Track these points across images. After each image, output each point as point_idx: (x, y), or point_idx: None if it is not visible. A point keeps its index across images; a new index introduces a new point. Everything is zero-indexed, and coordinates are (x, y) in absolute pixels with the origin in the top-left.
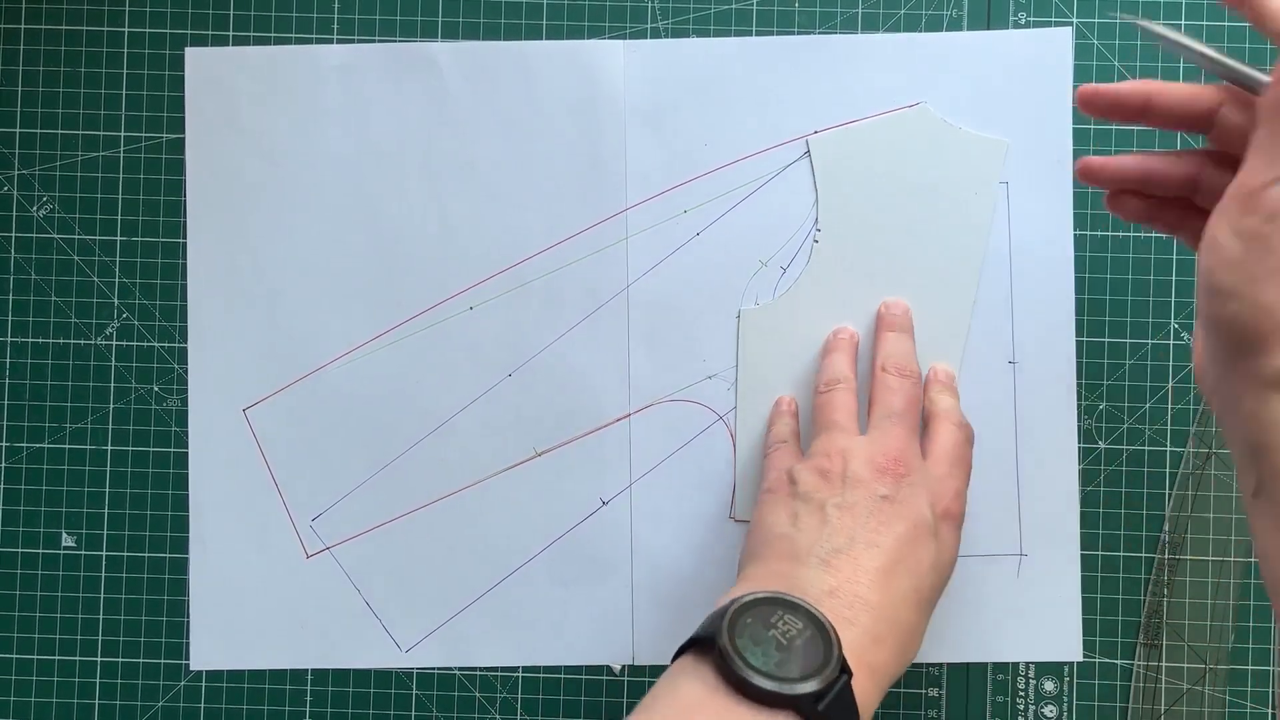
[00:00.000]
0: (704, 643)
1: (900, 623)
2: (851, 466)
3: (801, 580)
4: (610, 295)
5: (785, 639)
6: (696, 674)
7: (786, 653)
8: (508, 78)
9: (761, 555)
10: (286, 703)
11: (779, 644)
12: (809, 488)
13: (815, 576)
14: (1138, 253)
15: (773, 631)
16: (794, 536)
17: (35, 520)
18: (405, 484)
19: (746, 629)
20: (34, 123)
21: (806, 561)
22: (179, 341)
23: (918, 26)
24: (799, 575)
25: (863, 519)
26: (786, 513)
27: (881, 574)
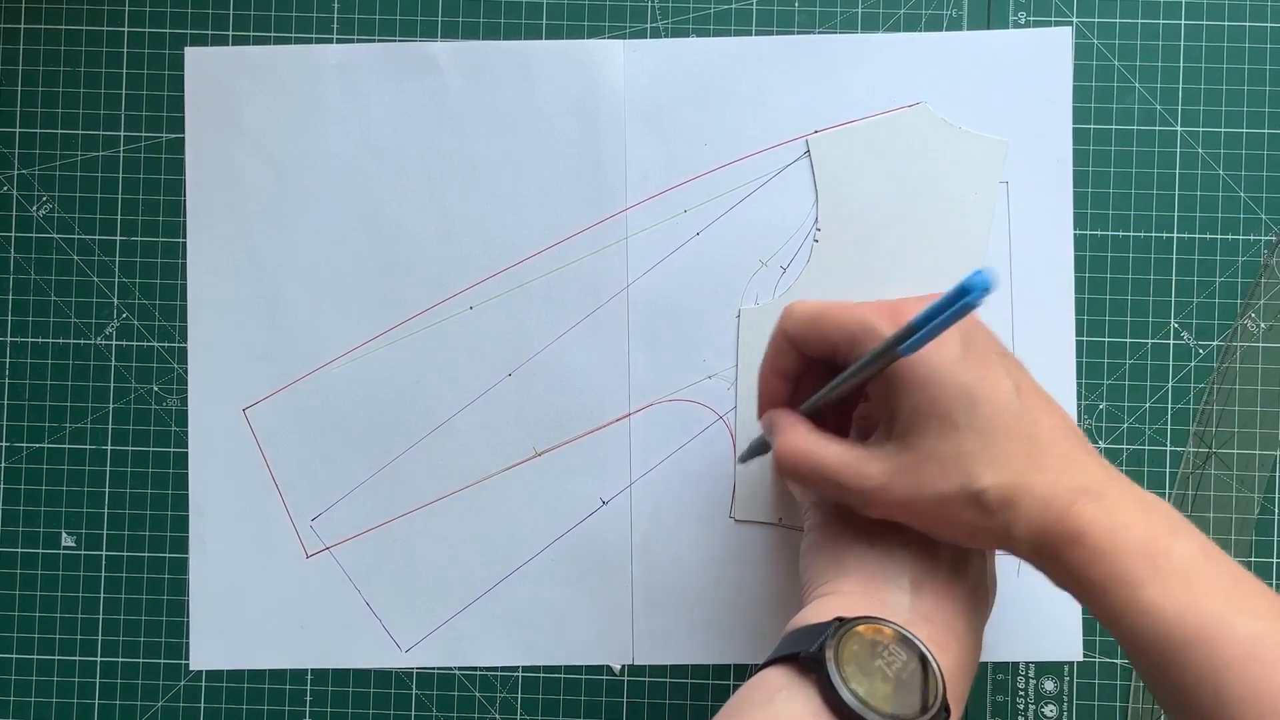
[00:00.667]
0: (807, 661)
1: (976, 654)
2: None
3: (893, 602)
4: (610, 295)
5: (891, 670)
6: (799, 694)
7: (893, 686)
8: (508, 78)
9: (846, 569)
10: (286, 703)
11: (884, 675)
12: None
13: (908, 600)
14: (1138, 253)
15: (879, 662)
16: (879, 557)
17: (35, 520)
18: (405, 484)
19: (855, 656)
20: (34, 122)
21: (898, 582)
22: (179, 341)
23: (918, 26)
24: (892, 598)
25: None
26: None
27: (965, 601)
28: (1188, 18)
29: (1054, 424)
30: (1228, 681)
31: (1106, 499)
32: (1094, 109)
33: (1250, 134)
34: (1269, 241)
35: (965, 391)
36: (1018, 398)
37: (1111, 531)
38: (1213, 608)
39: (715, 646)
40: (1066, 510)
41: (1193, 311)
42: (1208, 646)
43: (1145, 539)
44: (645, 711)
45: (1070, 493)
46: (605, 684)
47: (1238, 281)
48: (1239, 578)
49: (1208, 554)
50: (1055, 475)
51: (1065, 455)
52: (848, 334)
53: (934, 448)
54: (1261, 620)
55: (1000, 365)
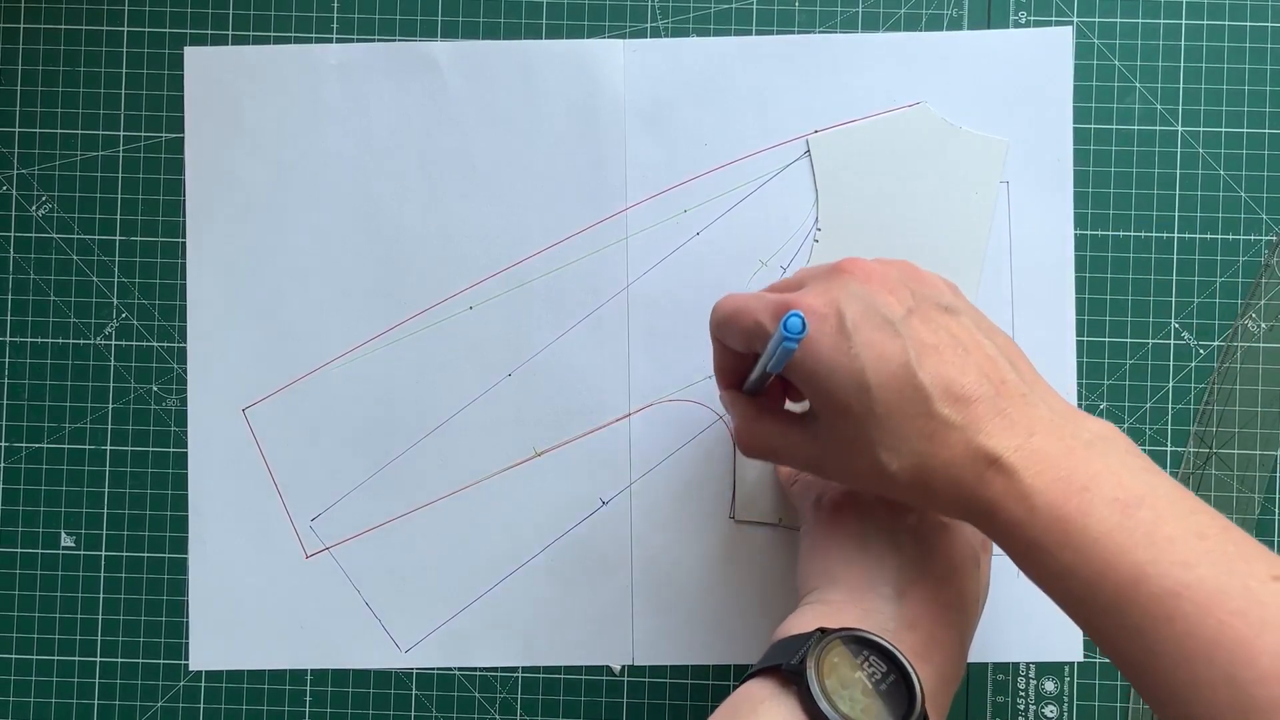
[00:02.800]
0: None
1: (960, 660)
2: None
3: (880, 612)
4: (610, 295)
5: (871, 682)
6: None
7: (872, 699)
8: (508, 77)
9: (835, 578)
10: (286, 703)
11: (865, 687)
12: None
13: (892, 609)
14: (1138, 253)
15: (859, 674)
16: (868, 563)
17: (35, 520)
18: (405, 484)
19: (835, 669)
20: (34, 122)
21: (882, 592)
22: (178, 341)
23: (918, 26)
24: (877, 606)
25: (928, 548)
26: (855, 535)
27: (950, 609)
28: (1188, 18)
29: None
30: (1155, 640)
31: (1013, 469)
32: (1094, 109)
33: (1250, 134)
34: (1269, 241)
35: (855, 379)
36: (913, 366)
37: (1021, 500)
38: (1128, 568)
39: (715, 646)
40: (975, 487)
41: (1193, 311)
42: (1133, 606)
43: (1055, 503)
44: (645, 711)
45: (975, 465)
46: (605, 684)
47: (1238, 281)
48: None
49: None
50: (959, 450)
51: (967, 419)
52: (747, 334)
53: (843, 434)
54: (1180, 570)
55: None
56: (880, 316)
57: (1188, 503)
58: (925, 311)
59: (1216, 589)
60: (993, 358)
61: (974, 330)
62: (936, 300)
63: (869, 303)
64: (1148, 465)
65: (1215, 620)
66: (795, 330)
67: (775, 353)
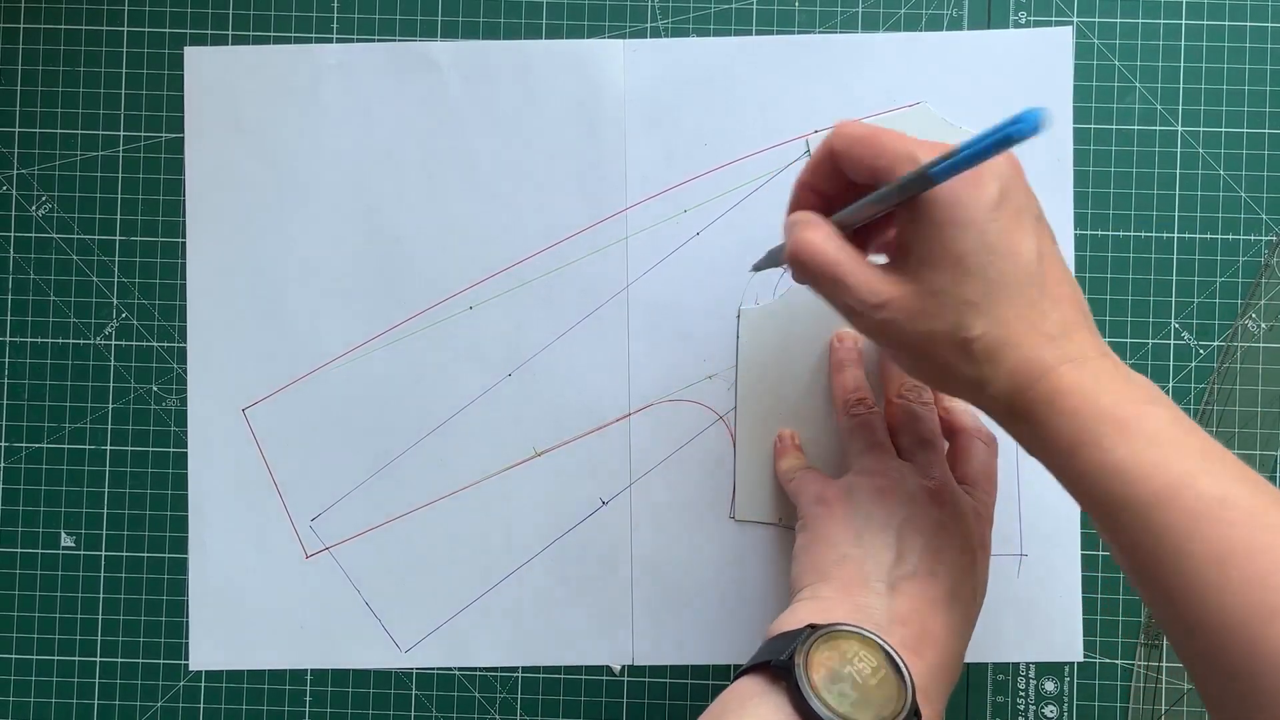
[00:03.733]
0: (778, 669)
1: (955, 655)
2: (906, 487)
3: (870, 606)
4: (610, 295)
5: (860, 677)
6: (770, 703)
7: (862, 693)
8: (508, 78)
9: (827, 574)
10: (286, 703)
11: (855, 682)
12: (867, 502)
13: (884, 604)
14: (1138, 253)
15: (849, 669)
16: (859, 558)
17: (35, 520)
18: (405, 484)
19: (824, 663)
20: (34, 122)
21: (875, 586)
22: (178, 341)
23: (918, 26)
24: (868, 601)
25: (921, 544)
26: (848, 530)
27: (943, 604)
28: (1188, 18)
29: (1064, 294)
30: (1191, 540)
31: (1089, 366)
32: (1094, 109)
33: (1250, 134)
34: (1269, 241)
35: (985, 241)
36: (1038, 262)
37: (1088, 395)
38: (1180, 469)
39: (715, 646)
40: (1048, 372)
41: (1193, 311)
42: (1172, 506)
43: (1120, 403)
44: (645, 711)
45: (1056, 358)
46: (605, 684)
47: (1238, 281)
48: (1209, 445)
49: (1180, 423)
50: (1047, 340)
51: (1064, 324)
52: (891, 159)
53: (940, 286)
54: (1228, 483)
55: (1031, 227)
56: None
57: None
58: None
59: (1260, 506)
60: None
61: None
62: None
63: (1023, 185)
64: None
65: (1257, 527)
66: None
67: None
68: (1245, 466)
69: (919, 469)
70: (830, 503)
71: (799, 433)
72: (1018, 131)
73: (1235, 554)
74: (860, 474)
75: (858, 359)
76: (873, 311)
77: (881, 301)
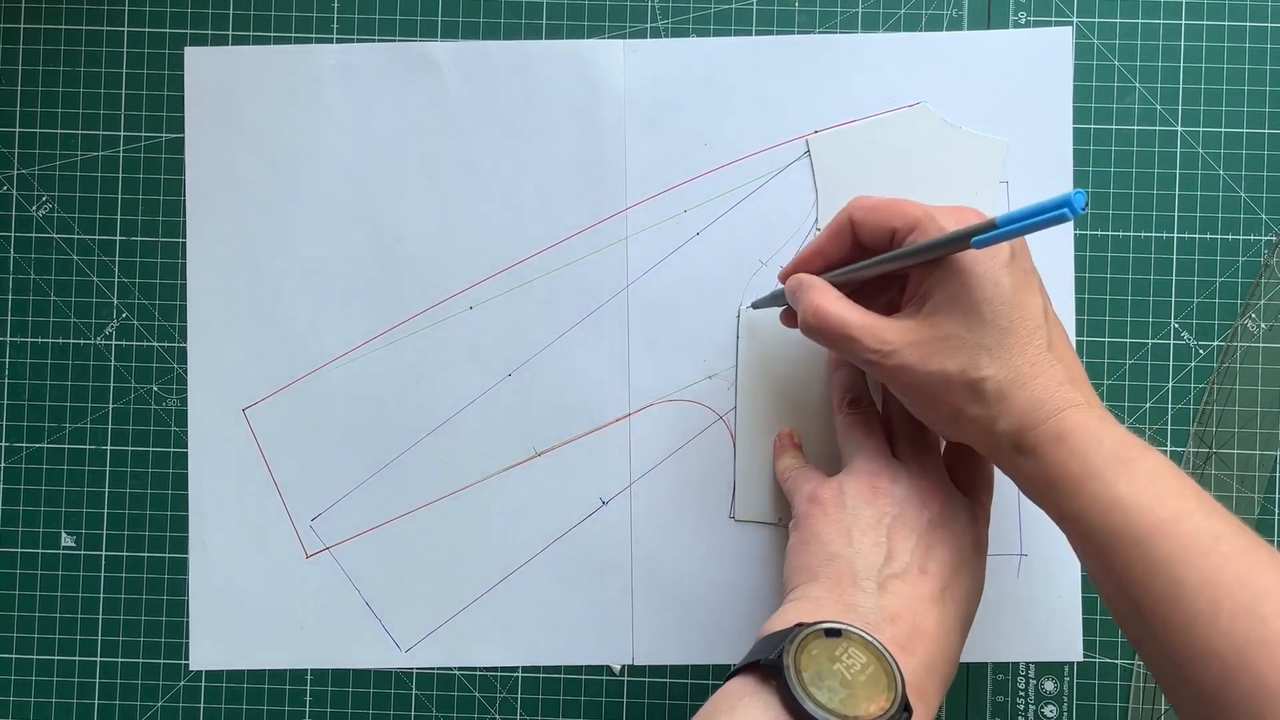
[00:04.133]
0: (767, 668)
1: (949, 652)
2: (900, 487)
3: (861, 605)
4: (610, 295)
5: (850, 674)
6: (760, 702)
7: (852, 689)
8: (508, 78)
9: (817, 574)
10: (286, 703)
11: (844, 679)
12: (858, 501)
13: (873, 602)
14: (1138, 253)
15: (838, 665)
16: (850, 557)
17: (35, 520)
18: (405, 484)
19: (813, 661)
20: (34, 122)
21: (864, 585)
22: (179, 341)
23: (918, 26)
24: (858, 599)
25: (912, 543)
26: (839, 529)
27: (935, 601)
28: (1188, 18)
29: (1066, 351)
30: (1187, 570)
31: (1094, 412)
32: (1094, 109)
33: (1250, 134)
34: (1269, 241)
35: (1000, 293)
36: (1044, 318)
37: (1093, 435)
38: (1177, 506)
39: (715, 646)
40: (1056, 413)
41: (1193, 311)
42: (1170, 538)
43: (1121, 445)
44: (645, 711)
45: (1063, 401)
46: (605, 684)
47: (1238, 281)
48: (1200, 489)
49: (1174, 468)
50: (1055, 385)
51: (1069, 376)
52: (911, 221)
53: (953, 331)
54: (1220, 522)
55: (1038, 289)
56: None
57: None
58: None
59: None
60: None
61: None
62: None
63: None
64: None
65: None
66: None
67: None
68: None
69: (913, 468)
70: (822, 501)
71: (798, 432)
72: (1061, 215)
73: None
74: (853, 473)
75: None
76: (884, 359)
77: (892, 349)
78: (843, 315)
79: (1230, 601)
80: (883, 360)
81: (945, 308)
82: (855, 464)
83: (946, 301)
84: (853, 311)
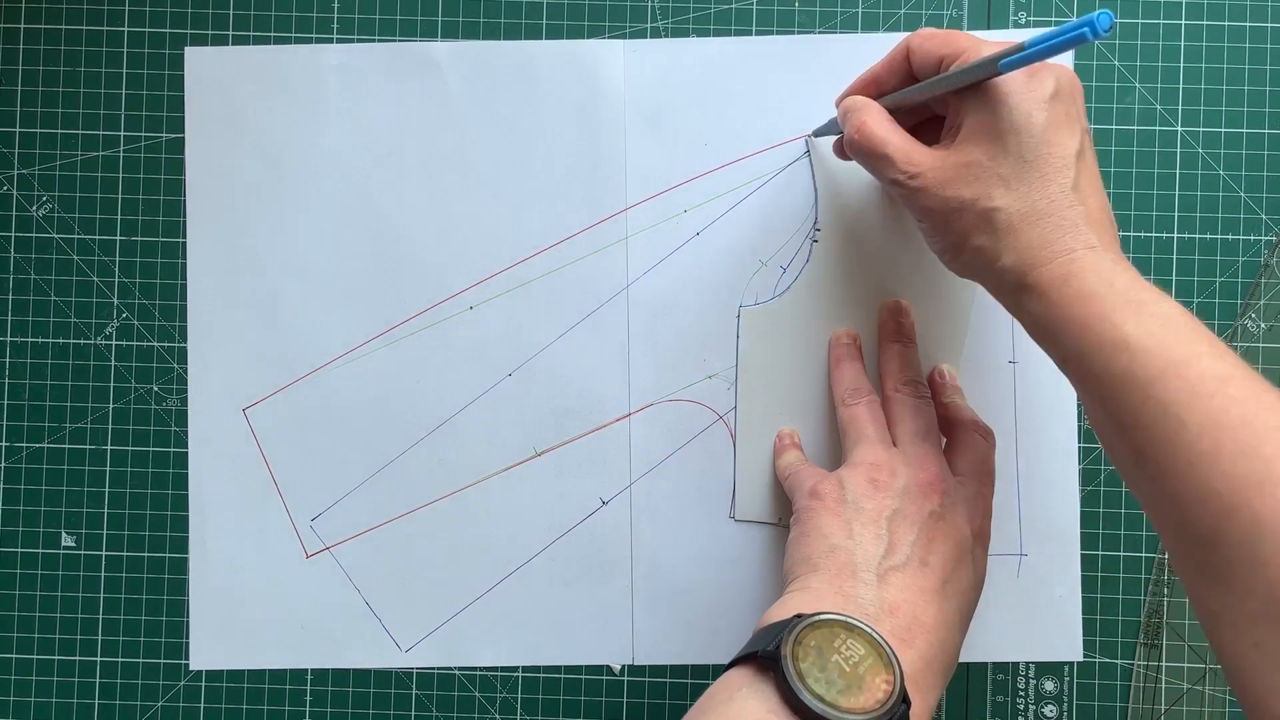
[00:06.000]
0: (765, 659)
1: (948, 645)
2: (899, 479)
3: (860, 596)
4: (610, 295)
5: (848, 665)
6: (757, 692)
7: (849, 680)
8: (508, 78)
9: (817, 565)
10: (286, 703)
11: (842, 670)
12: (859, 494)
13: (873, 594)
14: (1138, 253)
15: (836, 656)
16: (851, 549)
17: (35, 520)
18: (405, 484)
19: (810, 652)
20: (34, 123)
21: (864, 577)
22: (179, 341)
23: (918, 26)
24: (858, 591)
25: (913, 535)
26: (839, 522)
27: (935, 594)
28: (1188, 18)
29: (1092, 195)
30: (1190, 411)
31: (1106, 255)
32: (1094, 109)
33: (1250, 134)
34: (1269, 241)
35: (1030, 126)
36: (1075, 160)
37: (1103, 277)
38: (1186, 350)
39: (715, 646)
40: (1065, 252)
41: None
42: (1176, 380)
43: (1133, 289)
44: (645, 711)
45: (1075, 242)
46: (605, 684)
47: (1238, 281)
48: (1214, 337)
49: (1189, 315)
50: (1069, 225)
51: (1088, 218)
52: (957, 50)
53: (976, 159)
54: (1230, 367)
55: (1079, 134)
56: (1082, 114)
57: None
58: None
59: (1259, 389)
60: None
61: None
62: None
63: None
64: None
65: (1254, 404)
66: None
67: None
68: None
69: (914, 461)
70: (823, 496)
71: (799, 431)
72: (1083, 34)
73: (1231, 425)
74: (853, 466)
75: (856, 354)
76: (908, 180)
77: (917, 172)
78: (884, 136)
79: (1233, 442)
80: (908, 181)
81: (974, 136)
82: (855, 457)
83: (976, 129)
84: (894, 134)
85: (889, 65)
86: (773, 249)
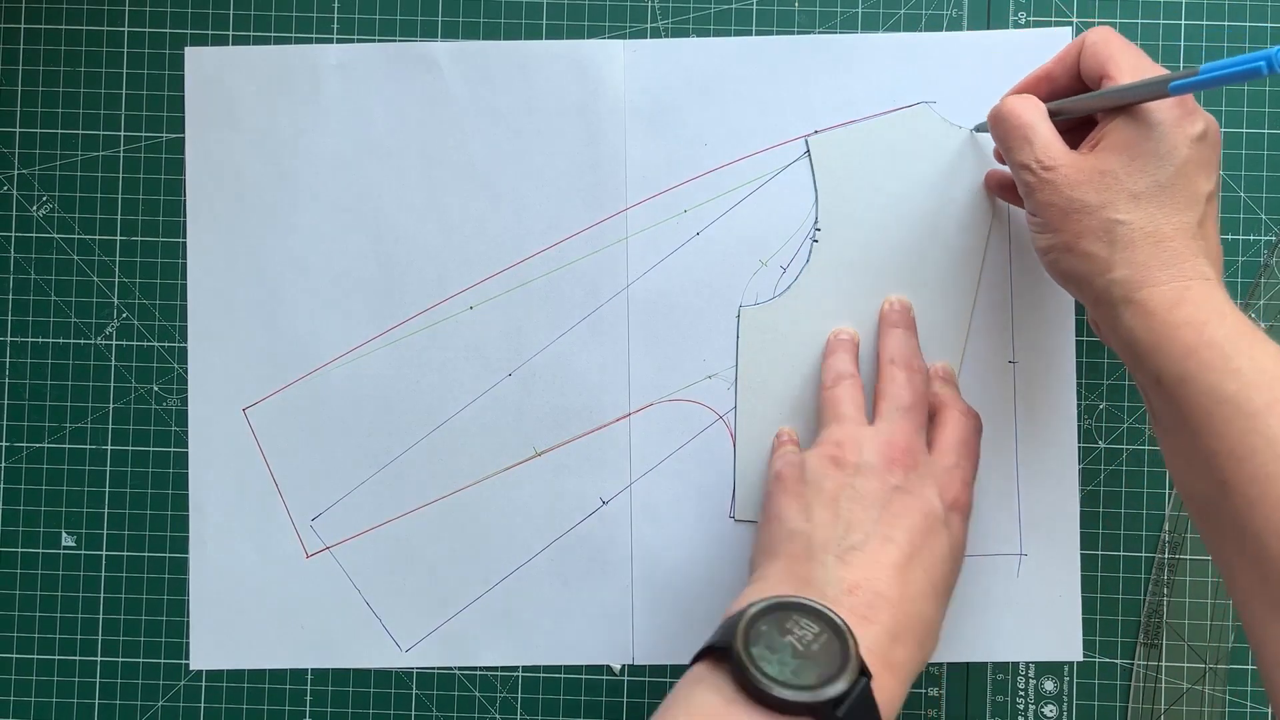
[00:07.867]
0: (720, 651)
1: (919, 617)
2: (864, 455)
3: (818, 579)
4: (610, 295)
5: (802, 644)
6: (713, 684)
7: (803, 659)
8: (508, 78)
9: (776, 553)
10: (286, 703)
11: (795, 650)
12: (819, 474)
13: (832, 574)
14: None
15: (789, 637)
16: (809, 532)
17: (35, 520)
18: (405, 484)
19: (762, 636)
20: (34, 123)
21: (822, 559)
22: (179, 341)
23: (918, 26)
24: (815, 574)
25: (875, 511)
26: (798, 505)
27: (898, 569)
28: (1188, 18)
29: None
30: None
31: (1219, 290)
32: None
33: (1250, 134)
34: (1269, 241)
35: (1173, 157)
36: (1205, 202)
37: (1216, 308)
38: None
39: None
40: (1182, 278)
41: None
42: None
43: (1243, 323)
44: (645, 711)
45: (1195, 271)
46: (605, 684)
47: (1238, 281)
48: None
49: None
50: (1189, 255)
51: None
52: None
53: (1113, 169)
54: None
55: (1213, 181)
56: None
57: None
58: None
59: None
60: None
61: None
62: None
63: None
64: None
65: None
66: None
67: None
68: None
69: (886, 433)
70: (784, 478)
71: (798, 431)
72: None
73: None
74: (818, 444)
75: (851, 347)
76: (1041, 170)
77: (1053, 164)
78: (1034, 119)
79: None
80: (1040, 171)
81: (1116, 148)
82: (822, 435)
83: (1119, 143)
84: (1044, 122)
85: (1062, 60)
86: (773, 249)
